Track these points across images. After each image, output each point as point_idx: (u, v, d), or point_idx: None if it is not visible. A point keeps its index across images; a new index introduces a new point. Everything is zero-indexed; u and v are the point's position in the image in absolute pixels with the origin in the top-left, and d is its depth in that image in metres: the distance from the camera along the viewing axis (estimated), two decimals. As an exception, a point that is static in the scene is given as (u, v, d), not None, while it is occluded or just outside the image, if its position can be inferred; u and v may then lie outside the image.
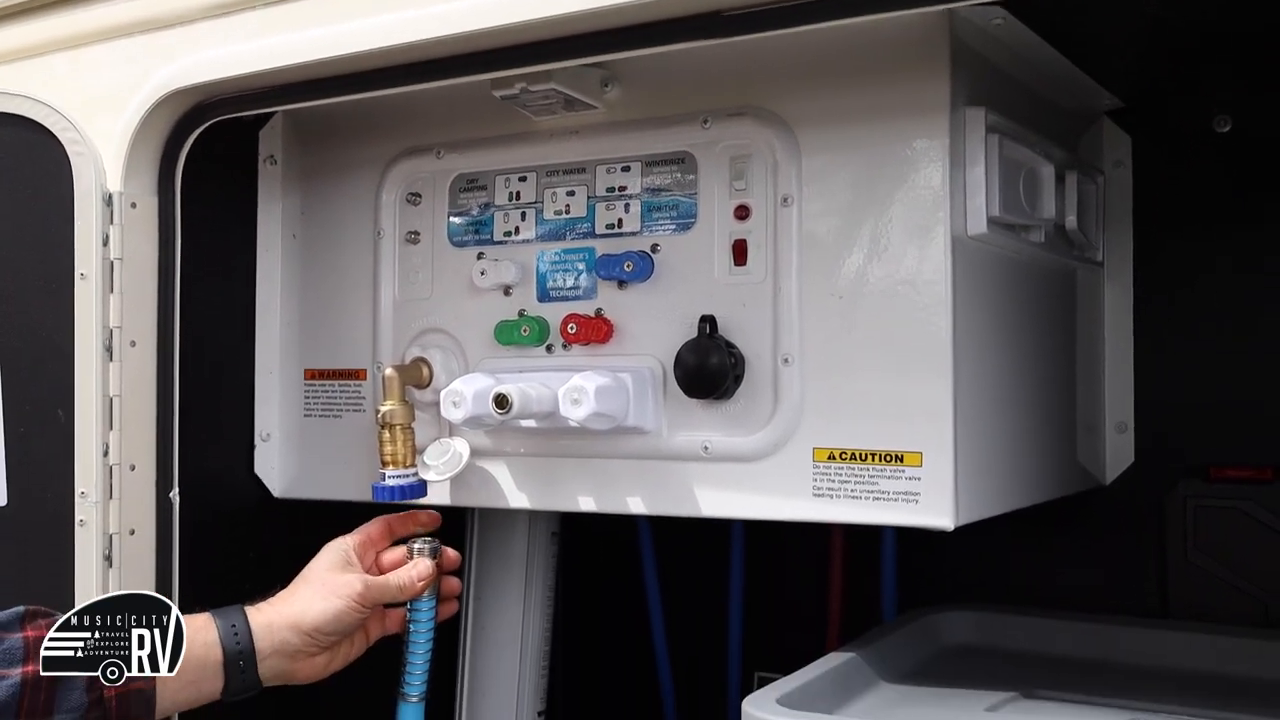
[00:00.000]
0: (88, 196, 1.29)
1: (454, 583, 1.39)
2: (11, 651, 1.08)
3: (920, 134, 1.18)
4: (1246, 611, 1.46)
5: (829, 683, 1.19)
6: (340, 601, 1.25)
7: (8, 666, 1.08)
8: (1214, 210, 1.58)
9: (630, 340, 1.31)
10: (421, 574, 1.32)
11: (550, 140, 1.37)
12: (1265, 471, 1.47)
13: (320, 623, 1.24)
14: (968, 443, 1.18)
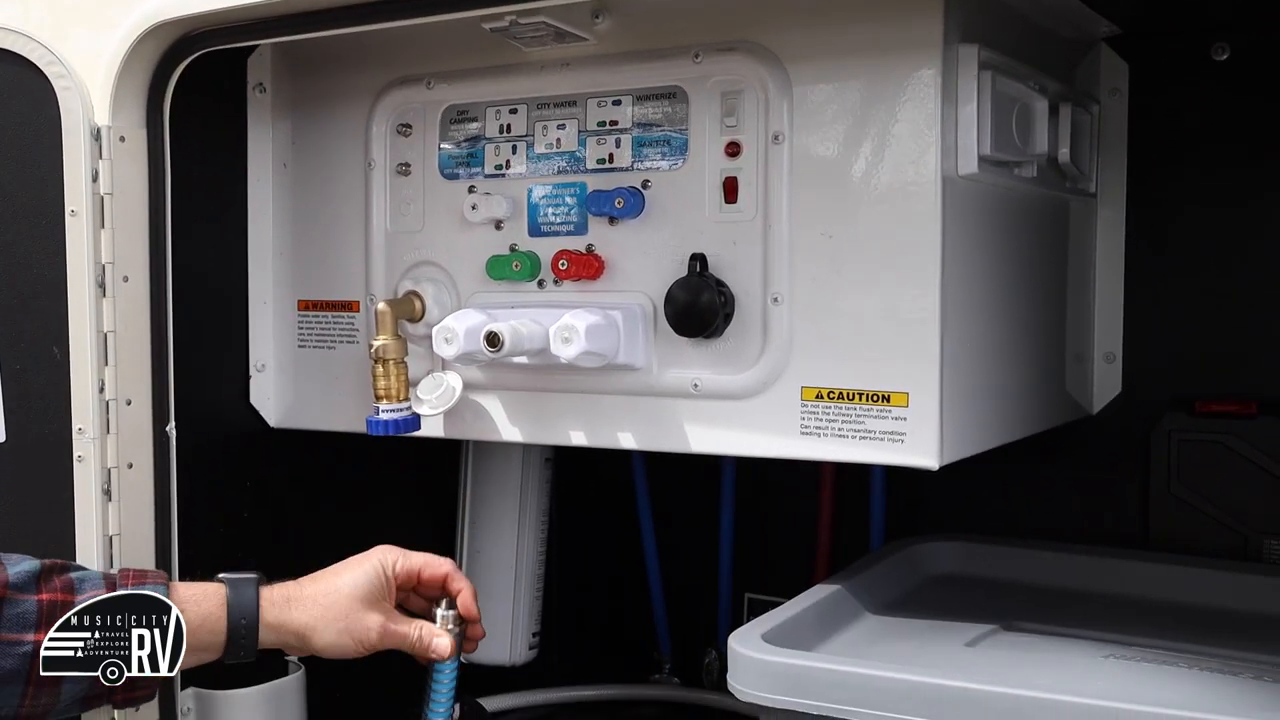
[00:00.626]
0: (75, 131, 1.28)
1: (478, 630, 1.34)
2: (25, 616, 1.10)
3: (912, 71, 1.17)
4: (1226, 544, 1.48)
5: (813, 616, 1.22)
6: (350, 643, 1.23)
7: (20, 631, 1.10)
8: (1209, 141, 1.57)
9: (621, 277, 1.31)
10: (439, 650, 1.27)
11: (541, 72, 1.36)
12: (1249, 406, 1.48)
13: (324, 648, 1.23)
14: (954, 383, 1.20)
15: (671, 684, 1.94)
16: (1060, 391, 1.59)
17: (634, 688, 1.92)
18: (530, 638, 1.80)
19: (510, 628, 1.78)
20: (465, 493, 1.79)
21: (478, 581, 1.77)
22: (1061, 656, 1.18)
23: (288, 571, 1.58)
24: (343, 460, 1.64)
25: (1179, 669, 1.13)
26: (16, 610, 1.10)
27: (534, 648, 1.81)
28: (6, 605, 1.10)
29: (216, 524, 1.49)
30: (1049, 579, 1.44)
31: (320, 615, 1.22)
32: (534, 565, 1.80)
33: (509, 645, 1.78)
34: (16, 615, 1.10)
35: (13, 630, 1.09)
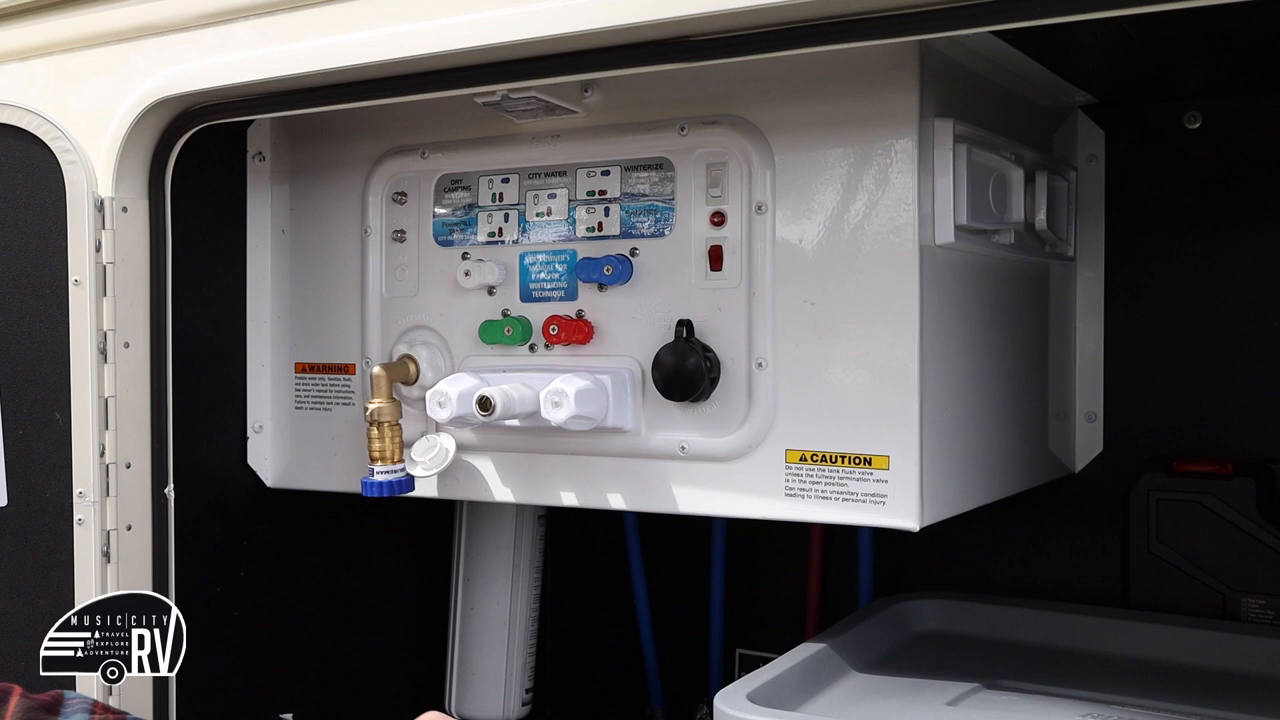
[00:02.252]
0: (80, 203, 1.33)
1: None
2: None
3: (890, 144, 1.21)
4: (1204, 602, 1.51)
5: (798, 675, 1.24)
6: None
7: None
8: (1184, 206, 1.62)
9: (610, 341, 1.35)
10: None
11: (532, 143, 1.40)
12: (1226, 466, 1.51)
13: None
14: (934, 447, 1.23)
15: (664, 739, 1.96)
16: (1043, 450, 1.62)
17: (626, 743, 1.94)
18: (523, 693, 1.82)
19: (503, 683, 1.80)
20: (460, 550, 1.82)
21: (471, 638, 1.80)
22: (1040, 717, 1.20)
23: (284, 628, 1.62)
24: (339, 519, 1.67)
25: (1153, 728, 1.16)
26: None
27: (527, 704, 1.83)
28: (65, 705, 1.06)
29: (214, 583, 1.52)
30: (1031, 637, 1.46)
31: None
32: (527, 621, 1.83)
33: (502, 701, 1.80)
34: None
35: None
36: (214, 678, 1.48)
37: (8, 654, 1.33)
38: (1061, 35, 1.34)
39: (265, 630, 1.61)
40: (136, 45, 1.37)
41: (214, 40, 1.33)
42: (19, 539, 1.34)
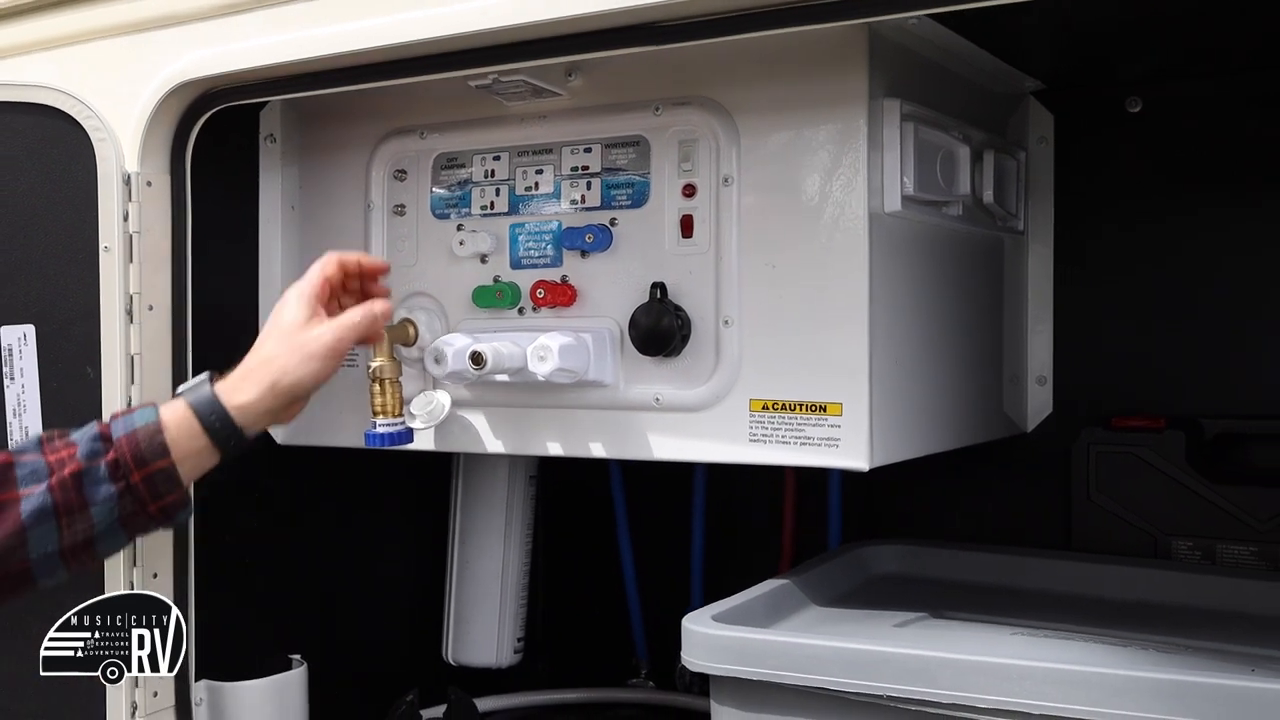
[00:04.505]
0: (109, 177, 1.45)
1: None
2: (36, 471, 1.17)
3: (843, 122, 1.33)
4: (1139, 544, 1.64)
5: (762, 605, 1.36)
6: (317, 363, 1.28)
7: (34, 483, 1.17)
8: (1128, 185, 1.74)
9: (592, 303, 1.47)
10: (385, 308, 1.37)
11: (521, 124, 1.52)
12: (1158, 421, 1.64)
13: (297, 384, 1.28)
14: (883, 395, 1.35)
15: (647, 688, 2.07)
16: (998, 410, 1.74)
17: (612, 691, 2.05)
18: (515, 642, 1.94)
19: (497, 633, 1.91)
20: (456, 507, 1.94)
21: (466, 590, 1.93)
22: (974, 635, 1.33)
23: (293, 576, 1.74)
24: (344, 477, 1.79)
25: (1072, 641, 1.28)
26: (27, 470, 1.17)
27: (519, 652, 1.95)
28: (18, 467, 1.18)
29: (227, 531, 1.63)
30: (980, 577, 1.59)
31: (279, 360, 1.27)
32: (519, 575, 1.94)
33: (495, 649, 1.91)
34: (29, 473, 1.17)
35: (28, 484, 1.17)
36: (227, 621, 1.59)
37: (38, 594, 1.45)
38: (1005, 24, 1.46)
39: (275, 578, 1.73)
40: (160, 34, 1.49)
41: (231, 28, 1.45)
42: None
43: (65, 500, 1.17)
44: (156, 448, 1.21)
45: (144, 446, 1.20)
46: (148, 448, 1.20)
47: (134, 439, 1.20)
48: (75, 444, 1.20)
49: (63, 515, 1.17)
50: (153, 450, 1.20)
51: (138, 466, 1.20)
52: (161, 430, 1.21)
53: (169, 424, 1.22)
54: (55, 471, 1.18)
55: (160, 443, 1.21)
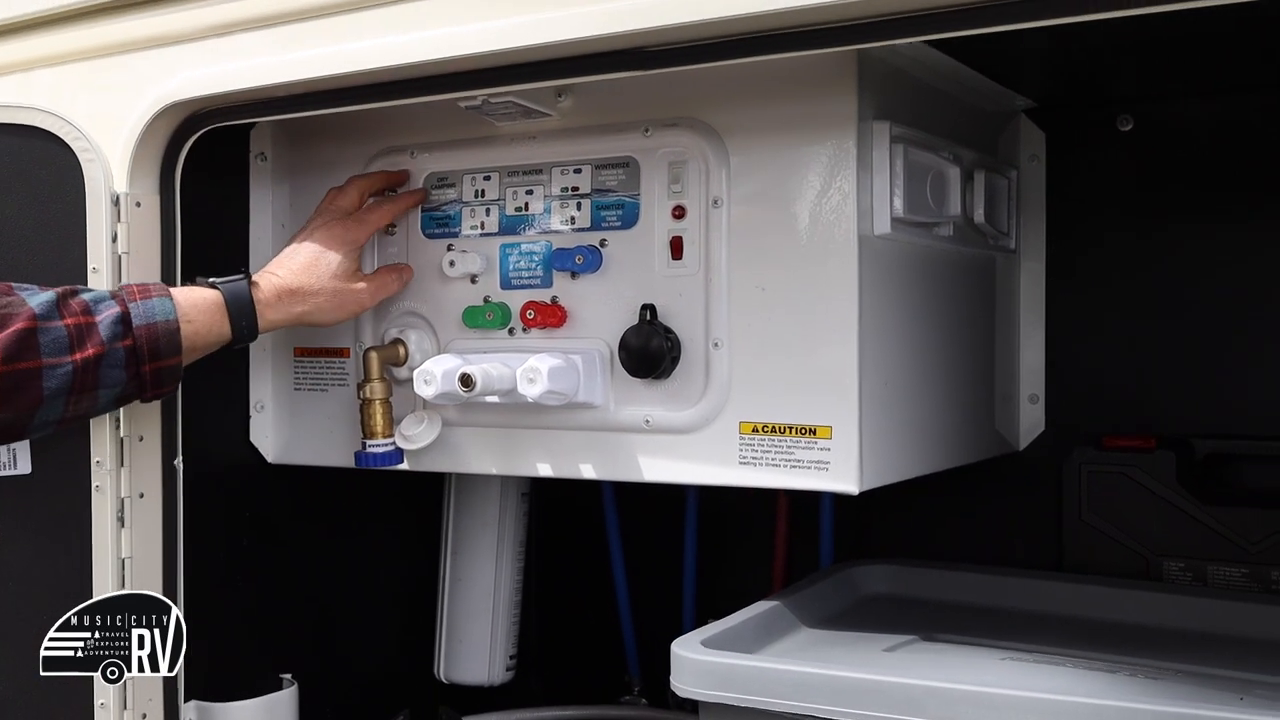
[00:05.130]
0: (98, 198, 1.44)
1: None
2: (59, 341, 1.24)
3: (832, 145, 1.33)
4: (1130, 565, 1.64)
5: (751, 627, 1.36)
6: (346, 314, 1.48)
7: (58, 355, 1.24)
8: (1118, 203, 1.74)
9: (581, 325, 1.47)
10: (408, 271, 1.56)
11: (511, 144, 1.52)
12: (1149, 441, 1.64)
13: (321, 324, 1.48)
14: (873, 418, 1.35)
15: (640, 704, 2.07)
16: (989, 429, 1.74)
17: (604, 708, 2.04)
18: (508, 659, 1.94)
19: (489, 650, 1.91)
20: (448, 524, 1.94)
21: (459, 607, 1.92)
22: (964, 659, 1.33)
23: (284, 594, 1.74)
24: (335, 494, 1.79)
25: (1063, 668, 1.28)
26: (50, 337, 1.24)
27: (511, 669, 1.94)
28: (40, 334, 1.23)
29: (219, 549, 1.63)
30: (970, 598, 1.59)
31: (315, 304, 1.44)
32: (511, 592, 1.94)
33: (487, 666, 1.91)
34: (51, 341, 1.23)
35: (52, 355, 1.23)
36: (218, 639, 1.58)
37: (29, 611, 1.44)
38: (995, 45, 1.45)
39: (266, 596, 1.72)
40: (149, 54, 1.49)
41: (220, 49, 1.45)
42: (42, 504, 1.46)
43: (82, 381, 1.26)
44: (172, 345, 1.31)
45: (162, 343, 1.30)
46: (165, 345, 1.30)
47: (153, 332, 1.29)
48: (94, 316, 1.27)
49: (74, 393, 1.26)
50: (169, 347, 1.30)
51: (151, 359, 1.29)
52: (179, 328, 1.31)
53: (194, 311, 1.33)
54: (76, 346, 1.25)
55: (176, 342, 1.31)
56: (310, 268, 1.44)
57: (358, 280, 1.48)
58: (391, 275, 1.53)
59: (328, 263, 1.45)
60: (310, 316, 1.45)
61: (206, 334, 1.35)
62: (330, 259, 1.45)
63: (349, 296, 1.46)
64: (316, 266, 1.44)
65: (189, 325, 1.32)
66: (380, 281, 1.51)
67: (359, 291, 1.47)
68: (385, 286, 1.51)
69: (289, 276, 1.43)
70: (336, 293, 1.45)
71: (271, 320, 1.40)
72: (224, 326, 1.36)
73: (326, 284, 1.44)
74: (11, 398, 1.22)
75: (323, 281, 1.44)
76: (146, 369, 1.29)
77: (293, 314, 1.43)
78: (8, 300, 1.24)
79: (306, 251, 1.45)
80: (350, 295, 1.46)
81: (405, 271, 1.55)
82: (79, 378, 1.25)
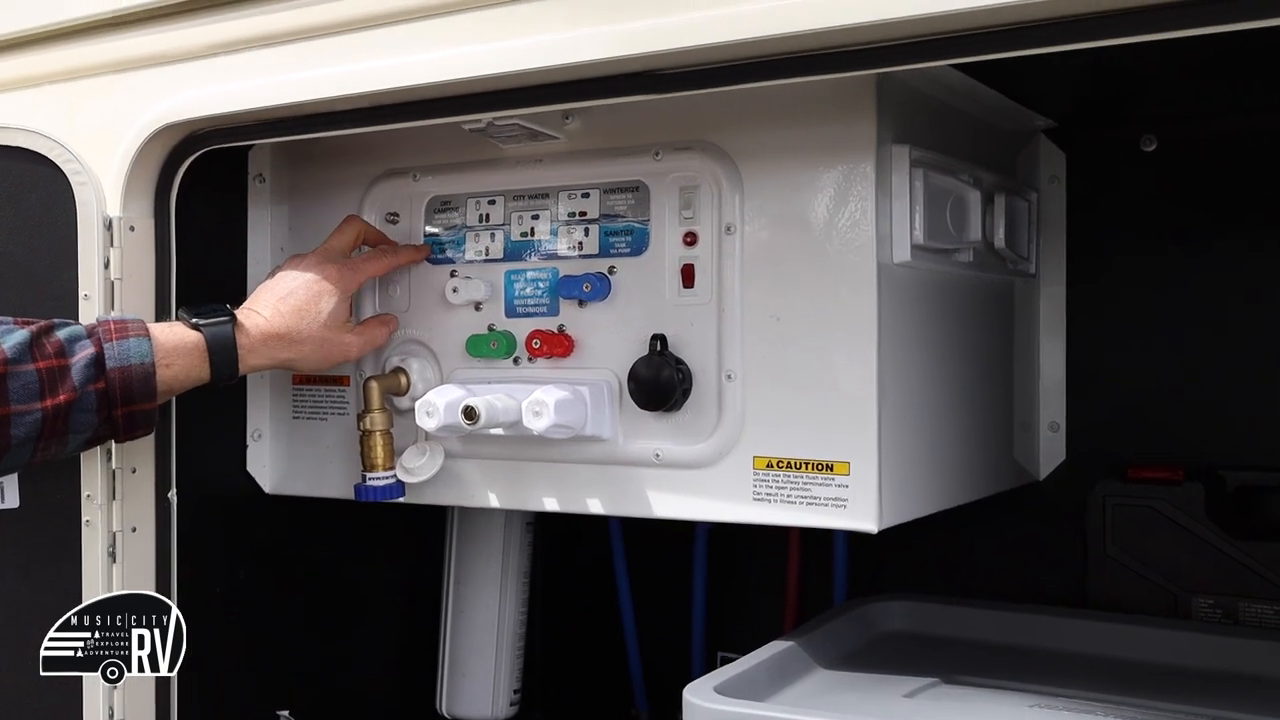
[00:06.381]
0: (89, 222, 1.40)
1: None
2: (29, 386, 1.19)
3: (850, 169, 1.29)
4: (1158, 602, 1.59)
5: (765, 670, 1.31)
6: (330, 364, 1.44)
7: (27, 401, 1.19)
8: (1141, 225, 1.69)
9: (589, 355, 1.42)
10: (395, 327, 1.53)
11: (517, 167, 1.48)
12: (1177, 472, 1.59)
13: (303, 369, 1.48)
14: (892, 454, 1.30)
15: (647, 740, 2.02)
16: (1008, 459, 1.69)
17: (611, 743, 2.01)
18: (512, 694, 1.89)
19: (492, 684, 1.86)
20: (450, 555, 1.89)
21: (462, 640, 1.87)
22: (990, 706, 1.27)
23: (282, 628, 1.69)
24: (335, 525, 1.74)
25: (1095, 716, 1.22)
26: (20, 383, 1.19)
27: (515, 704, 1.89)
28: (10, 379, 1.18)
29: (215, 584, 1.58)
30: (991, 636, 1.53)
31: (301, 353, 1.40)
32: (515, 625, 1.89)
33: (491, 701, 1.86)
34: (21, 387, 1.19)
35: (21, 401, 1.18)
36: (214, 675, 1.54)
37: (17, 648, 1.39)
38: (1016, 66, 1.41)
39: (264, 630, 1.68)
40: (144, 74, 1.45)
41: (217, 69, 1.40)
42: (30, 539, 1.41)
43: (51, 428, 1.21)
44: (147, 390, 1.26)
45: (136, 387, 1.25)
46: (140, 389, 1.25)
47: (127, 375, 1.24)
48: (68, 358, 1.22)
49: (43, 439, 1.22)
50: (143, 392, 1.25)
51: (124, 403, 1.24)
52: (155, 372, 1.26)
53: (174, 355, 1.29)
54: (47, 391, 1.20)
55: (151, 386, 1.26)
56: (300, 312, 1.39)
57: (346, 332, 1.43)
58: (381, 329, 1.50)
59: (319, 310, 1.40)
60: (293, 364, 1.42)
61: (184, 378, 1.31)
62: (323, 306, 1.40)
63: (336, 348, 1.42)
64: (307, 312, 1.39)
65: (167, 370, 1.28)
66: (369, 335, 1.47)
67: (347, 344, 1.43)
68: (373, 340, 1.48)
69: (276, 320, 1.38)
70: (324, 342, 1.40)
71: (252, 365, 1.37)
72: (203, 370, 1.32)
73: (315, 332, 1.39)
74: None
75: (312, 329, 1.39)
76: (119, 413, 1.25)
77: (276, 359, 1.39)
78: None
79: (299, 294, 1.40)
80: (337, 346, 1.42)
81: (392, 323, 1.51)
82: (49, 424, 1.21)
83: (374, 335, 1.48)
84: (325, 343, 1.40)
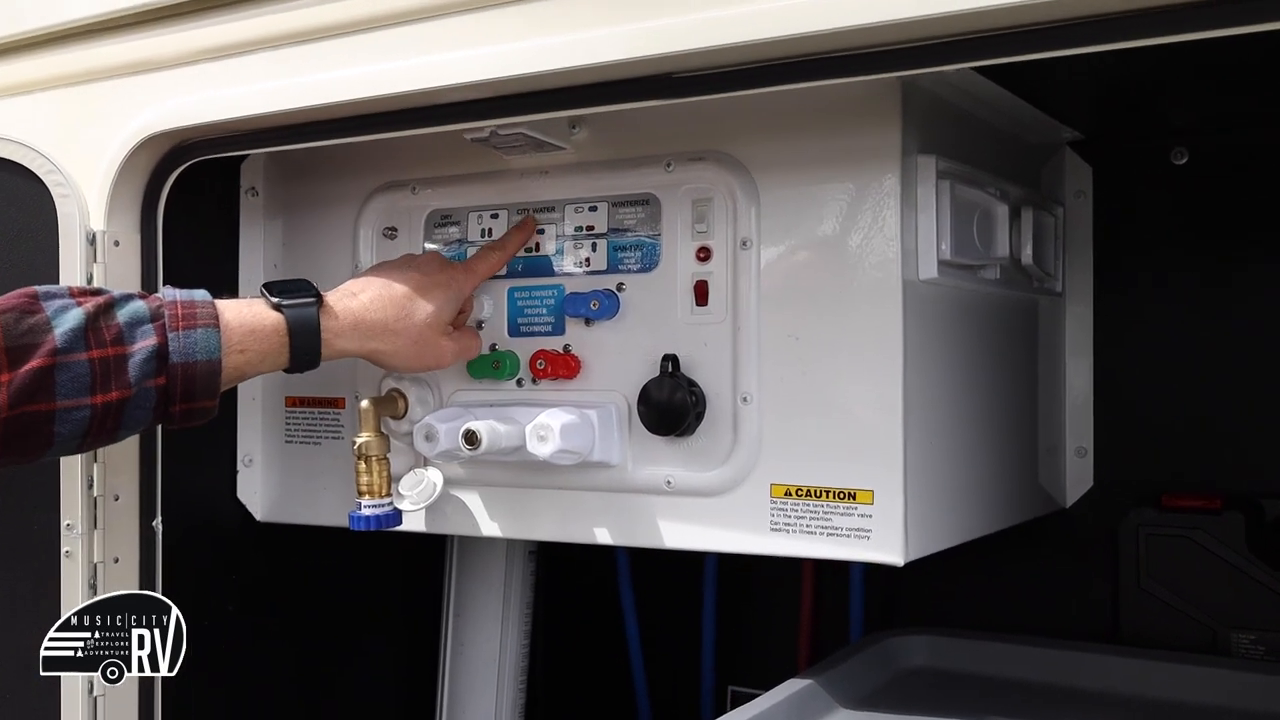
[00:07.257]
0: (72, 237, 1.34)
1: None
2: (79, 379, 1.07)
3: (873, 181, 1.22)
4: (1195, 637, 1.51)
5: (783, 712, 1.24)
6: (419, 365, 1.33)
7: (76, 396, 1.07)
8: (1172, 241, 1.62)
9: (596, 376, 1.35)
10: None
11: (521, 179, 1.41)
12: (1215, 501, 1.51)
13: (394, 369, 1.36)
14: (918, 482, 1.22)
15: (656, 780, 1.95)
16: (1033, 485, 1.62)
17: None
18: (513, 731, 1.82)
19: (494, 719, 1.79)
20: (450, 585, 1.82)
21: (461, 675, 1.80)
22: (1025, 753, 1.20)
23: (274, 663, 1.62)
24: (330, 554, 1.67)
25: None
26: (69, 374, 1.06)
27: (517, 740, 1.83)
28: (59, 370, 1.06)
29: (202, 616, 1.50)
30: (1018, 673, 1.45)
31: (395, 346, 1.28)
32: (518, 658, 1.82)
33: (492, 737, 1.79)
34: (70, 380, 1.07)
35: (69, 396, 1.07)
36: (202, 712, 1.48)
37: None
38: (1044, 72, 1.35)
39: (254, 665, 1.61)
40: (130, 81, 1.39)
41: (207, 76, 1.34)
42: (7, 570, 1.35)
43: (100, 426, 1.10)
44: (209, 388, 1.14)
45: (198, 385, 1.13)
46: (202, 387, 1.13)
47: (190, 373, 1.12)
48: (127, 346, 1.10)
49: (90, 436, 1.11)
50: (205, 390, 1.13)
51: (183, 400, 1.13)
52: (221, 370, 1.13)
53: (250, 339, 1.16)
54: (99, 386, 1.08)
55: (214, 385, 1.14)
56: (401, 303, 1.27)
57: (445, 336, 1.31)
58: (475, 341, 1.38)
59: (425, 306, 1.28)
60: (384, 357, 1.28)
61: (259, 363, 1.18)
62: (430, 302, 1.29)
63: (430, 349, 1.30)
64: (409, 305, 1.27)
65: (240, 355, 1.16)
66: (464, 344, 1.35)
67: (442, 349, 1.31)
68: (468, 350, 1.36)
69: (374, 308, 1.26)
70: (420, 341, 1.28)
71: (340, 349, 1.24)
72: (282, 356, 1.20)
73: (413, 328, 1.27)
74: (15, 443, 1.06)
75: (410, 324, 1.27)
76: (177, 409, 1.13)
77: (366, 348, 1.26)
78: (31, 323, 1.06)
79: (407, 285, 1.29)
80: (433, 348, 1.30)
81: (478, 338, 1.40)
82: (97, 421, 1.09)
83: (469, 345, 1.36)
84: (421, 341, 1.28)
